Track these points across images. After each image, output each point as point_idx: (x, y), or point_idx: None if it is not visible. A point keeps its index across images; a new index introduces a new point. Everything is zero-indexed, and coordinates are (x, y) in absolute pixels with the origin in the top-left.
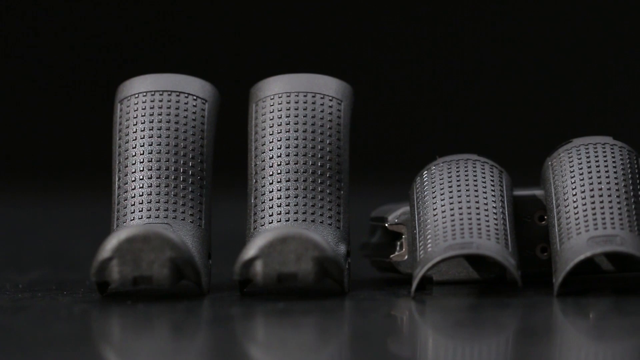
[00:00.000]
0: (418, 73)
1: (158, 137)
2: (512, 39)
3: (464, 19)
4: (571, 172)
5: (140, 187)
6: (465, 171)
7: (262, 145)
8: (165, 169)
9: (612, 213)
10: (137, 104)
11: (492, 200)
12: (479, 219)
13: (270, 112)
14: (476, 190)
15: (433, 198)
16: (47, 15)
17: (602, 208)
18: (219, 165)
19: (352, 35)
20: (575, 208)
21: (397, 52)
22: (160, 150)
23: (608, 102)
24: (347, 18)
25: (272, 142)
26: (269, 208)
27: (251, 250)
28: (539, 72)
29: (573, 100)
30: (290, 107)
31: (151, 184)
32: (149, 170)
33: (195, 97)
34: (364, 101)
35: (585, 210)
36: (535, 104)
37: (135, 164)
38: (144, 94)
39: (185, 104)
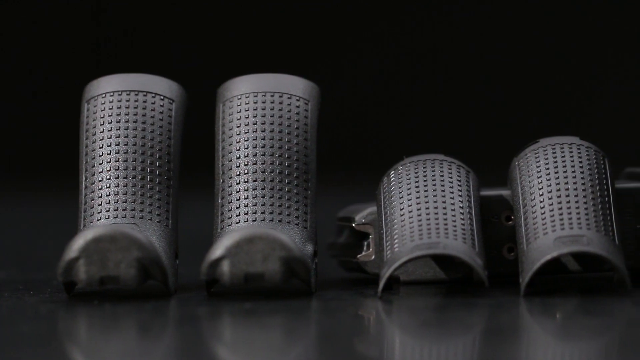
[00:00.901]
0: (386, 73)
1: (125, 137)
2: (480, 39)
3: (431, 20)
4: (538, 172)
5: (107, 187)
6: (432, 171)
7: (229, 145)
8: (132, 169)
9: (578, 213)
10: (104, 103)
11: (459, 201)
12: (445, 219)
13: (238, 112)
14: (443, 191)
15: (400, 198)
16: (13, 15)
17: (568, 208)
18: (186, 165)
19: (319, 35)
20: (542, 208)
21: (365, 52)
22: (127, 150)
23: (575, 102)
24: (315, 18)
25: (239, 142)
26: (236, 208)
27: (218, 250)
28: (506, 72)
29: (540, 100)
30: (257, 107)
31: (118, 184)
32: (115, 170)
33: (162, 97)
34: (331, 101)
35: (552, 210)
36: (503, 104)
37: (102, 163)
38: (111, 93)
39: (153, 104)
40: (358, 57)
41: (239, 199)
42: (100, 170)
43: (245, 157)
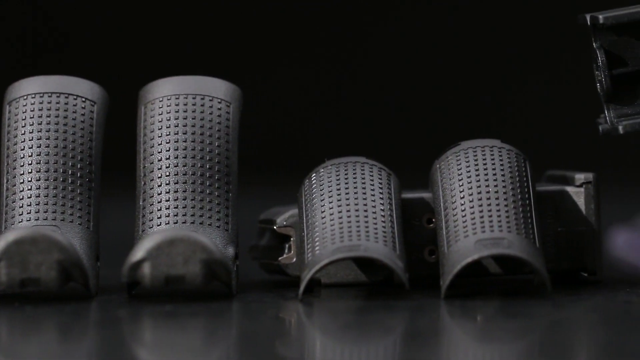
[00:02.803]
0: (306, 75)
1: (47, 139)
2: (399, 41)
3: (351, 20)
4: (459, 175)
5: (28, 189)
6: (354, 174)
7: (151, 147)
8: (54, 171)
9: (499, 216)
10: (25, 105)
11: (380, 203)
12: (367, 222)
13: (159, 115)
14: (364, 193)
15: (321, 201)
16: None
17: (489, 211)
18: (108, 167)
19: (240, 37)
20: (462, 211)
21: (286, 53)
22: (48, 152)
23: (496, 105)
24: (235, 19)
25: (161, 144)
26: (157, 210)
27: (139, 252)
28: (428, 74)
29: (462, 103)
30: (179, 110)
31: (39, 186)
32: (37, 172)
33: (84, 99)
34: (252, 103)
35: (473, 213)
36: (424, 106)
37: (23, 166)
38: (33, 95)
39: (74, 105)
40: (280, 60)
41: (160, 201)
42: (22, 172)
43: (166, 159)
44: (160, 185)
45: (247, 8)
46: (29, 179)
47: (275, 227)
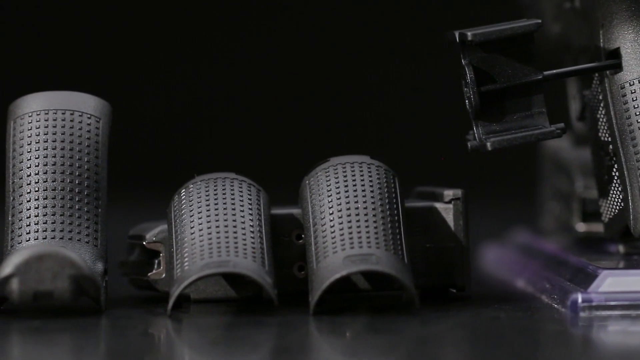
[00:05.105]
0: (176, 89)
1: None
2: (270, 52)
3: (216, 34)
4: (328, 191)
5: None
6: (223, 190)
7: (20, 162)
8: None
9: (368, 232)
10: None
11: (250, 219)
12: (236, 238)
13: (28, 130)
14: (233, 209)
15: (190, 216)
16: None
17: (358, 227)
18: None
19: (109, 52)
20: (331, 227)
21: (155, 68)
22: None
23: (366, 120)
24: (105, 34)
25: (30, 159)
26: (26, 226)
27: (7, 268)
28: (296, 89)
29: (331, 118)
30: (48, 125)
31: None
32: None
33: None
34: (122, 119)
35: (342, 229)
36: (293, 122)
37: None
38: None
39: None
40: (148, 73)
41: (29, 217)
42: None
43: (35, 174)
44: (29, 201)
45: (115, 22)
46: None
47: (144, 243)
